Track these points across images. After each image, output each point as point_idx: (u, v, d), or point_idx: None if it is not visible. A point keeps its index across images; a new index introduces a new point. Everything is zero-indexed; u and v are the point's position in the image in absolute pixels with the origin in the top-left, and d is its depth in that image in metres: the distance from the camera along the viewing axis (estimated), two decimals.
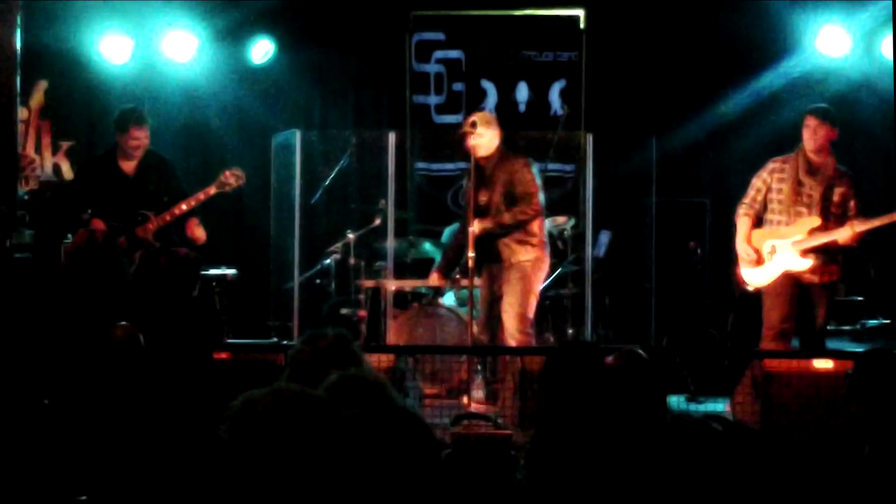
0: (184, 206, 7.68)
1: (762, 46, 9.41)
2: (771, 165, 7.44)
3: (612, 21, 9.68)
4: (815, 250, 7.22)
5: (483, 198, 7.39)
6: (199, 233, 7.75)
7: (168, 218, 7.68)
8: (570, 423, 3.80)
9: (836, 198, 7.27)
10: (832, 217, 7.25)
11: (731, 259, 7.56)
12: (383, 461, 2.56)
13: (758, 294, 7.40)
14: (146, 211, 7.72)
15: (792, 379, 6.55)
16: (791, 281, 7.29)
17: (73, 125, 9.93)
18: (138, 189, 7.78)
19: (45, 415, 4.41)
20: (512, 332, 7.34)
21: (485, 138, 7.38)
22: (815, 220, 7.23)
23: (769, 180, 7.40)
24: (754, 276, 7.38)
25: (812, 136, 7.29)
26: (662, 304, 9.10)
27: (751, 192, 7.46)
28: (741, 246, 7.41)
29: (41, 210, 8.81)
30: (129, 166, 7.86)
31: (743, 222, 7.44)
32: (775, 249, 7.30)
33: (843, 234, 7.14)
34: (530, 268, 7.44)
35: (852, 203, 7.27)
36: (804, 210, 7.28)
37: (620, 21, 9.66)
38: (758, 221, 7.44)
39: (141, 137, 7.82)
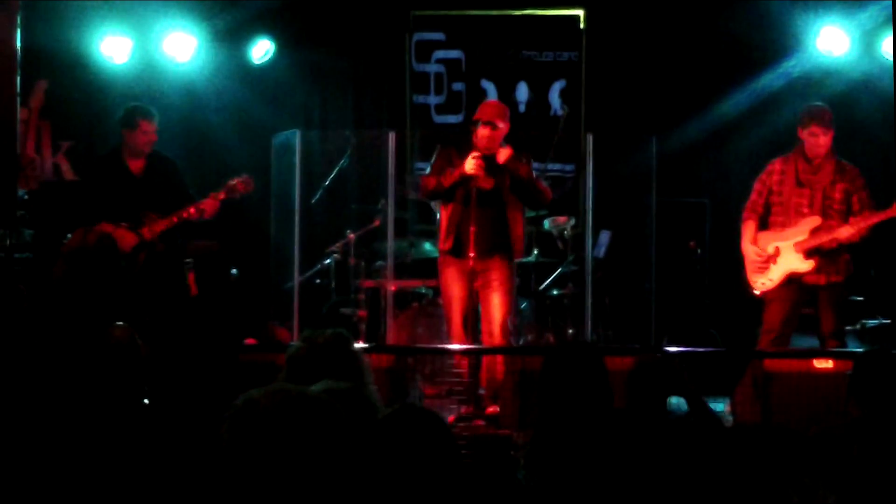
0: (192, 211, 7.66)
1: (762, 46, 9.41)
2: (770, 168, 7.44)
3: (612, 21, 9.69)
4: (818, 250, 7.20)
5: (487, 184, 7.27)
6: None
7: (175, 220, 7.64)
8: (569, 423, 3.80)
9: (837, 195, 7.24)
10: (835, 215, 7.23)
11: (735, 261, 7.55)
12: (382, 461, 2.56)
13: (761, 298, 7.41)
14: (152, 212, 7.70)
15: (792, 379, 6.56)
16: (794, 284, 7.28)
17: (73, 125, 9.93)
18: (145, 189, 7.75)
19: (43, 415, 4.40)
20: (503, 332, 7.26)
21: (502, 130, 7.30)
22: (816, 220, 7.21)
23: (769, 183, 7.40)
24: (761, 280, 7.37)
25: (816, 144, 7.26)
26: (662, 304, 9.09)
27: (752, 196, 7.47)
28: (749, 248, 7.39)
29: (41, 210, 8.82)
30: (136, 165, 7.81)
31: (747, 226, 7.44)
32: (779, 251, 7.30)
33: (844, 232, 7.12)
34: (515, 266, 7.43)
35: (855, 198, 7.24)
36: (805, 210, 7.27)
37: (620, 21, 9.66)
38: (764, 224, 7.44)
39: (150, 132, 7.79)
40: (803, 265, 7.22)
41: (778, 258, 7.29)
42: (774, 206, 7.38)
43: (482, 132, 7.23)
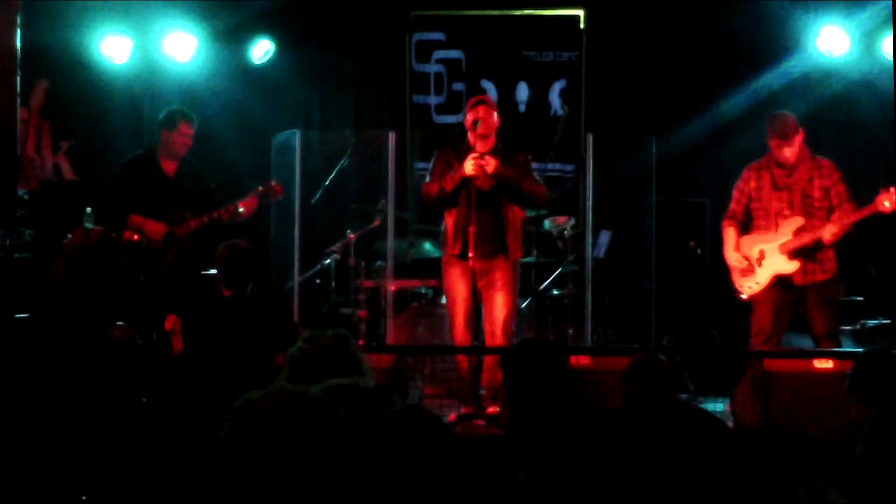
0: (223, 212, 7.79)
1: (762, 46, 9.40)
2: (746, 175, 7.48)
3: (612, 21, 9.69)
4: (803, 250, 7.22)
5: (486, 184, 7.26)
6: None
7: (206, 220, 7.77)
8: (536, 422, 3.77)
9: (816, 193, 7.27)
10: (816, 213, 7.25)
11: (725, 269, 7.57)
12: (383, 462, 2.56)
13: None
14: (184, 211, 7.80)
15: (792, 379, 6.56)
16: (783, 285, 7.29)
17: (73, 125, 9.92)
18: (176, 191, 7.89)
19: (44, 416, 4.41)
20: (505, 332, 7.26)
21: (494, 116, 7.32)
22: (799, 220, 7.24)
23: (746, 190, 7.44)
24: (747, 284, 7.38)
25: (783, 154, 7.28)
26: (662, 304, 9.09)
27: (731, 204, 7.52)
28: (732, 255, 7.44)
29: (41, 210, 8.83)
30: (170, 167, 7.96)
31: (728, 233, 7.49)
32: (764, 254, 7.32)
33: (827, 231, 7.14)
34: (518, 267, 7.43)
35: (833, 193, 7.26)
36: (787, 213, 7.29)
37: (620, 21, 9.66)
38: (745, 229, 7.46)
39: (188, 135, 7.96)
40: (789, 266, 7.24)
41: (763, 261, 7.32)
42: (755, 210, 7.42)
43: (479, 115, 7.21)
